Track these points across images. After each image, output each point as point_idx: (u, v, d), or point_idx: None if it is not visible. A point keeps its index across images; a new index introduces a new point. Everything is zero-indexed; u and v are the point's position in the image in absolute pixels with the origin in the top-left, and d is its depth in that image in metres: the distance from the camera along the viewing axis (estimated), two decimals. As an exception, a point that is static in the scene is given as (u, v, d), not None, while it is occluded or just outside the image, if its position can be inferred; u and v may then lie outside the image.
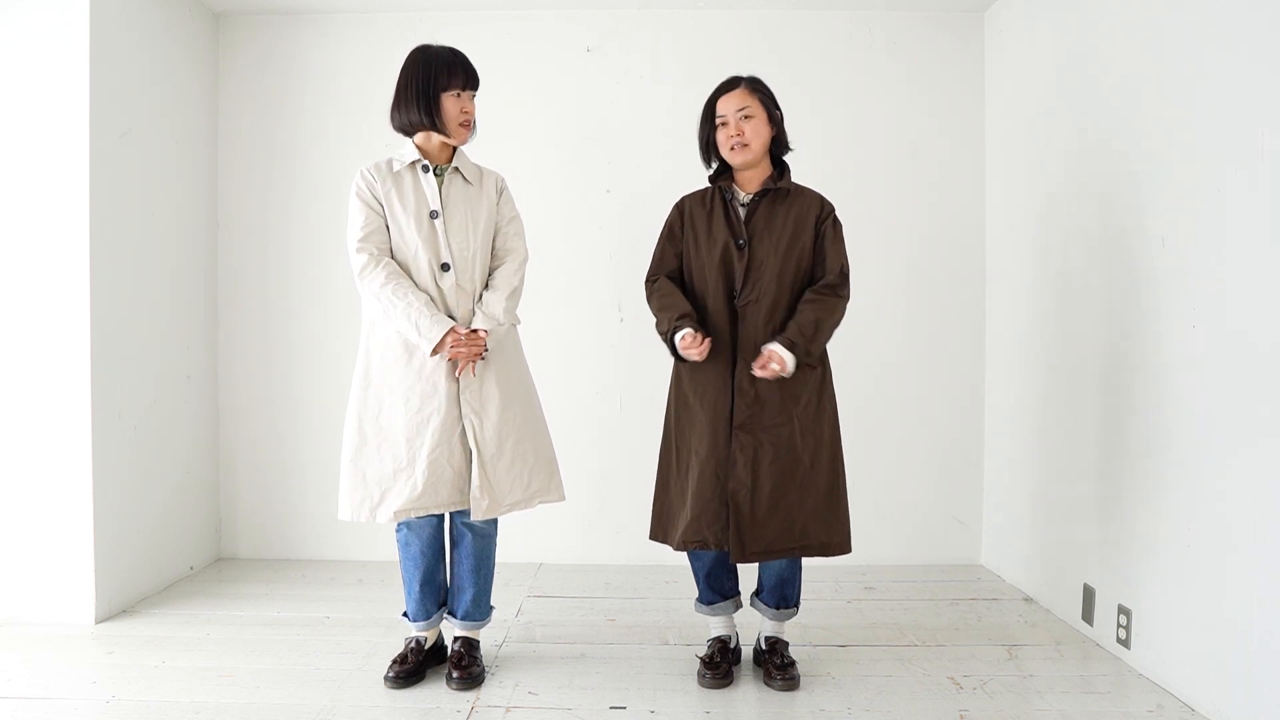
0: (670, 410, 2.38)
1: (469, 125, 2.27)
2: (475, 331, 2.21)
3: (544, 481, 2.35)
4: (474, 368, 2.22)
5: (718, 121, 2.28)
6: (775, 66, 3.13)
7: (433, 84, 2.22)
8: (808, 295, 2.23)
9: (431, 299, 2.22)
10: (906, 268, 3.47)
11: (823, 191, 2.35)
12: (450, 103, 2.23)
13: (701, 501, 2.22)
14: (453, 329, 2.18)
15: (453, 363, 2.21)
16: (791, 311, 2.24)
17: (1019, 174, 3.21)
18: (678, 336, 2.21)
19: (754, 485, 2.18)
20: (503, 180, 2.41)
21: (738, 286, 2.24)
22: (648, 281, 2.39)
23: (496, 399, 2.26)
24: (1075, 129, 2.78)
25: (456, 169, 2.29)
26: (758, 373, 2.15)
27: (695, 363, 2.25)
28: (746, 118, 2.24)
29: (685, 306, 2.25)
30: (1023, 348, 3.17)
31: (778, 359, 2.13)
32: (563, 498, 2.41)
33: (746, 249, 2.24)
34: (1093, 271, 2.66)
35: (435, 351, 2.18)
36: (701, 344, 2.16)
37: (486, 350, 2.24)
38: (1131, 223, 2.45)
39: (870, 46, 3.47)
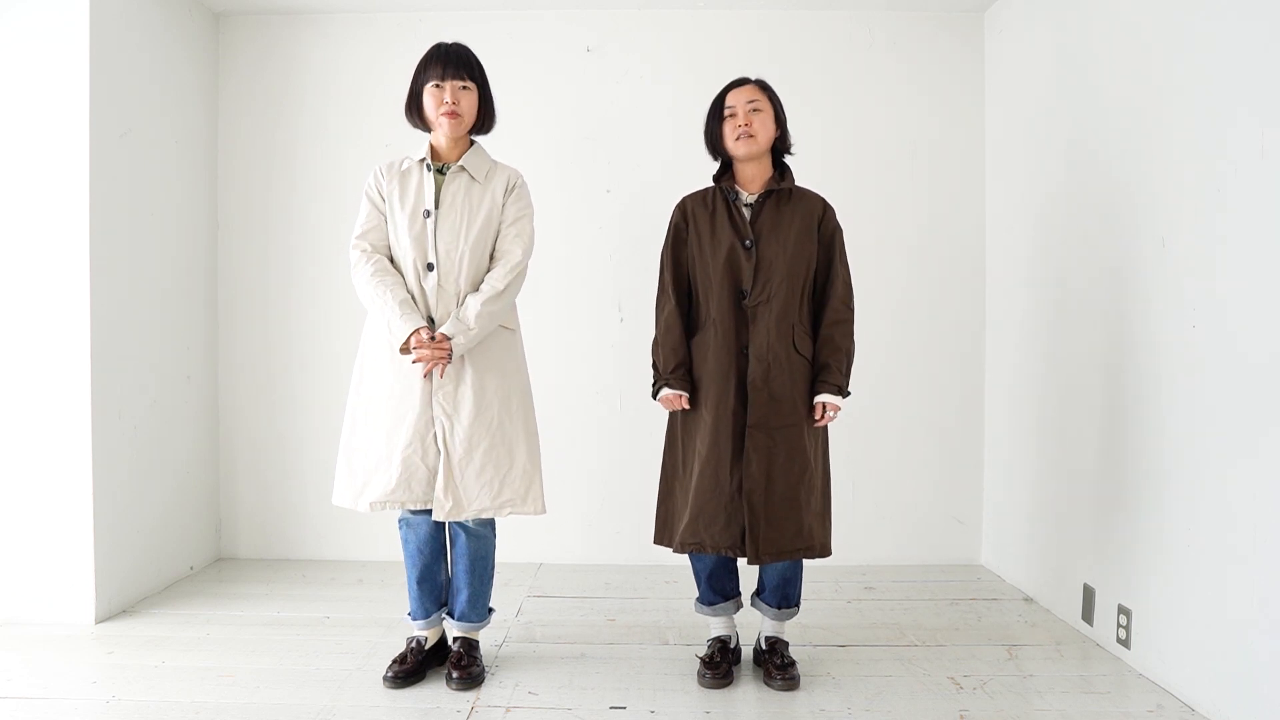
0: (673, 412, 2.38)
1: (453, 115, 2.21)
2: (442, 335, 2.16)
3: (518, 492, 2.26)
4: (442, 370, 2.18)
5: (726, 113, 2.28)
6: (775, 66, 3.13)
7: (415, 81, 2.26)
8: (827, 330, 2.27)
9: (414, 299, 2.22)
10: (906, 268, 3.47)
11: (823, 192, 2.36)
12: (429, 95, 2.23)
13: (699, 504, 2.22)
14: (417, 330, 2.15)
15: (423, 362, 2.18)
16: (801, 312, 2.26)
17: (1019, 174, 3.21)
18: (660, 395, 2.32)
19: (768, 486, 2.19)
20: (517, 178, 2.34)
21: (746, 287, 2.24)
22: (660, 294, 2.36)
23: (470, 403, 2.21)
24: (1075, 129, 2.77)
25: (463, 167, 2.27)
26: (820, 424, 2.26)
27: (699, 364, 2.28)
28: (756, 110, 2.26)
29: (680, 355, 2.30)
30: (1022, 348, 3.17)
31: (834, 407, 2.24)
32: (540, 511, 2.30)
33: (754, 250, 2.24)
34: (1092, 271, 2.66)
35: (403, 350, 2.17)
36: (681, 402, 2.29)
37: (452, 355, 2.17)
38: (1131, 222, 2.45)
39: (870, 46, 3.47)
